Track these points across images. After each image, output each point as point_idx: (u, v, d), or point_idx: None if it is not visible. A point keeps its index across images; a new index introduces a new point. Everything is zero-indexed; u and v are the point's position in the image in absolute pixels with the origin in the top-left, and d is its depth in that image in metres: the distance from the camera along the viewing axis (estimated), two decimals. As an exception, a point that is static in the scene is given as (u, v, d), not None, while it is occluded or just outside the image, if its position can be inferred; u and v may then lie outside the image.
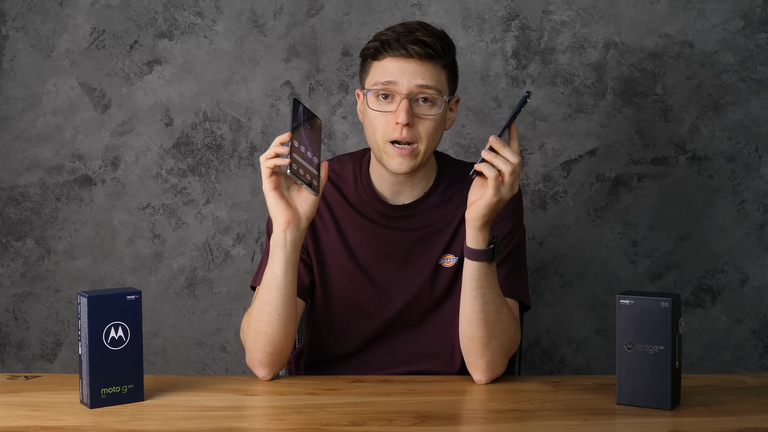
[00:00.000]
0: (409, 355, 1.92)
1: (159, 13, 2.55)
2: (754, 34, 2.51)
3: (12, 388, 1.73)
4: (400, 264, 1.90)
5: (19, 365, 2.63)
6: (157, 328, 2.62)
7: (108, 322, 1.61)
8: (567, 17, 2.52)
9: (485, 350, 1.77)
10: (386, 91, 1.81)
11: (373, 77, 1.83)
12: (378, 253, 1.90)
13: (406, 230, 1.90)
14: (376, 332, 1.92)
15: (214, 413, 1.61)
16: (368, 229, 1.90)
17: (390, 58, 1.81)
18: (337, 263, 1.91)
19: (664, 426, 1.53)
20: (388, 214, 1.90)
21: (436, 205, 1.91)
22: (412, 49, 1.80)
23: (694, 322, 2.58)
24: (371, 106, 1.83)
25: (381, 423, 1.53)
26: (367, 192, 1.92)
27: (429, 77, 1.82)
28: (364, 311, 1.91)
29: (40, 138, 2.58)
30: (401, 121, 1.78)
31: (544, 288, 2.59)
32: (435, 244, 1.89)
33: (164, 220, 2.59)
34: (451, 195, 1.91)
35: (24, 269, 2.61)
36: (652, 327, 1.58)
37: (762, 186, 2.55)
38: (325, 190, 1.92)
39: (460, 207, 1.89)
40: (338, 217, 1.91)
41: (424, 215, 1.91)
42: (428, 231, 1.90)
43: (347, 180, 1.94)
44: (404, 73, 1.80)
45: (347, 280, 1.91)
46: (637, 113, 2.54)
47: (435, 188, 1.92)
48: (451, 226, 1.90)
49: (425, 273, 1.89)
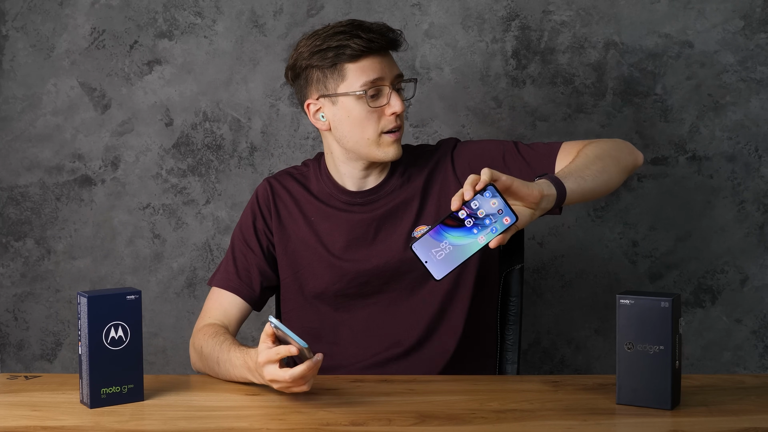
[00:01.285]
0: (404, 331, 1.94)
1: (159, 13, 2.55)
2: (754, 34, 2.51)
3: (12, 388, 1.73)
4: (371, 242, 1.94)
5: (19, 365, 2.63)
6: (157, 328, 2.62)
7: (108, 322, 1.61)
8: (567, 17, 2.52)
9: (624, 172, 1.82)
10: (377, 88, 1.87)
11: (358, 79, 1.86)
12: (348, 237, 1.94)
13: (371, 211, 1.95)
14: (366, 313, 1.94)
15: (214, 413, 1.61)
16: (335, 217, 1.95)
17: (370, 57, 1.87)
18: (311, 255, 1.95)
19: (664, 426, 1.53)
20: (353, 201, 1.96)
21: (397, 186, 1.95)
22: (385, 40, 1.87)
23: (694, 322, 2.58)
24: (369, 105, 1.86)
25: (381, 423, 1.53)
26: (329, 185, 1.97)
27: (396, 65, 1.91)
28: (348, 294, 1.94)
29: (40, 138, 2.58)
30: (399, 110, 1.86)
31: (544, 288, 2.59)
32: (403, 218, 1.94)
33: (164, 220, 2.59)
34: (409, 175, 1.96)
35: (24, 269, 2.61)
36: (652, 327, 1.58)
37: (762, 186, 2.55)
38: (292, 189, 2.00)
39: (419, 182, 1.95)
40: (306, 212, 1.97)
41: (387, 197, 1.95)
42: (393, 207, 1.94)
43: (310, 178, 2.01)
44: (385, 67, 1.88)
45: (324, 269, 1.94)
46: (637, 113, 2.54)
47: (393, 171, 1.97)
48: (416, 201, 1.94)
49: (398, 245, 1.92)
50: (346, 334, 1.95)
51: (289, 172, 2.04)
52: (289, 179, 2.01)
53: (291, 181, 2.01)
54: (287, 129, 2.57)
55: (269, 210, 1.98)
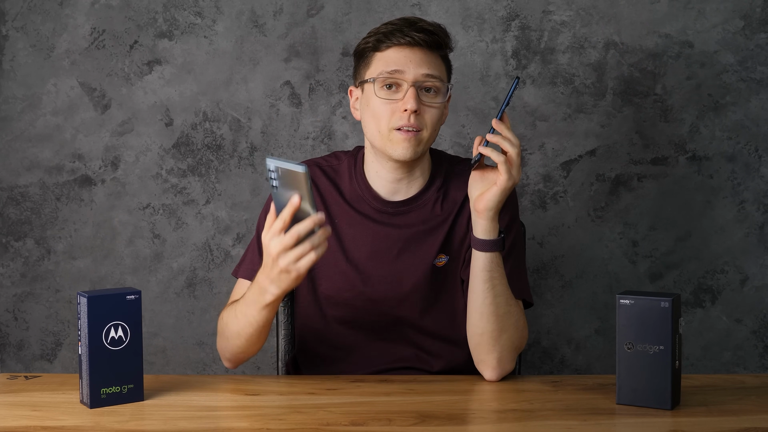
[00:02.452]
0: (403, 356, 1.92)
1: (159, 13, 2.55)
2: (754, 34, 2.51)
3: (12, 388, 1.73)
4: (392, 261, 1.89)
5: (19, 365, 2.63)
6: (157, 328, 2.62)
7: (108, 322, 1.61)
8: (567, 17, 2.52)
9: (496, 344, 1.77)
10: (393, 80, 1.83)
11: (377, 67, 1.84)
12: (370, 249, 1.89)
13: (400, 227, 1.90)
14: (371, 327, 1.91)
15: (214, 413, 1.61)
16: (362, 225, 1.90)
17: (395, 48, 1.83)
18: (329, 256, 1.88)
19: (664, 426, 1.53)
20: (384, 210, 1.90)
21: (431, 201, 1.91)
22: (418, 37, 1.82)
23: (694, 322, 2.58)
24: (377, 95, 1.83)
25: (381, 423, 1.53)
26: (361, 187, 1.92)
27: (433, 66, 1.84)
28: (355, 306, 1.90)
29: (40, 138, 2.58)
30: (410, 107, 1.80)
31: (544, 288, 2.59)
32: (429, 242, 1.89)
33: (164, 220, 2.60)
34: (446, 191, 1.91)
35: (24, 269, 2.61)
36: (652, 327, 1.58)
37: (762, 186, 2.55)
38: (321, 185, 1.93)
39: (453, 206, 1.90)
40: (333, 213, 1.91)
41: (418, 212, 1.90)
42: (422, 229, 1.89)
43: (343, 175, 1.94)
44: (410, 62, 1.82)
45: (338, 276, 1.90)
46: (637, 113, 2.54)
47: (431, 185, 1.92)
48: (445, 226, 1.90)
49: (419, 272, 1.88)
50: (350, 342, 1.93)
51: (317, 163, 1.96)
52: (318, 172, 1.94)
53: (320, 174, 1.93)
54: (287, 129, 2.57)
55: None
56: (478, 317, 1.77)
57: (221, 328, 1.84)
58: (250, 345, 1.80)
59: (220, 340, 1.86)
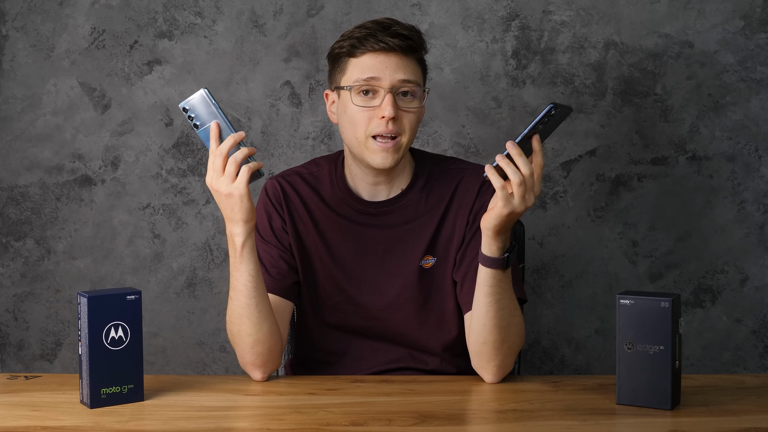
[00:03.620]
0: (396, 357, 1.91)
1: (159, 13, 2.55)
2: (754, 34, 2.51)
3: (12, 388, 1.73)
4: (378, 262, 1.88)
5: (19, 365, 2.63)
6: (157, 328, 2.62)
7: (108, 322, 1.61)
8: (567, 17, 2.52)
9: (497, 353, 1.76)
10: (368, 87, 1.81)
11: (353, 74, 1.82)
12: (355, 251, 1.89)
13: (384, 227, 1.89)
14: (360, 334, 1.91)
15: (214, 413, 1.61)
16: (345, 228, 1.90)
17: (370, 54, 1.81)
18: (319, 263, 1.90)
19: (664, 426, 1.53)
20: (365, 211, 1.90)
21: (413, 202, 1.90)
22: (393, 43, 1.80)
23: (694, 322, 2.58)
24: (354, 102, 1.81)
25: (381, 423, 1.53)
26: (342, 191, 1.91)
27: (409, 71, 1.82)
28: (345, 311, 1.90)
29: (40, 138, 2.58)
30: (388, 114, 1.78)
31: (544, 288, 2.59)
32: (414, 244, 1.88)
33: (164, 220, 2.60)
34: (429, 191, 1.90)
35: (24, 269, 2.61)
36: (652, 327, 1.58)
37: (762, 186, 2.55)
38: (302, 191, 1.93)
39: (438, 206, 1.89)
40: (316, 218, 1.91)
41: (401, 212, 1.89)
42: (406, 229, 1.89)
43: (323, 181, 1.93)
44: (386, 68, 1.80)
45: (327, 280, 1.90)
46: (637, 113, 2.54)
47: (413, 185, 1.91)
48: (430, 227, 1.88)
49: (405, 274, 1.87)
50: (343, 347, 1.92)
51: (297, 171, 1.96)
52: (299, 180, 1.94)
53: (300, 183, 1.93)
54: (287, 129, 2.57)
55: (282, 208, 1.91)
56: (481, 327, 1.76)
57: (228, 329, 1.81)
58: (259, 328, 1.76)
59: (236, 347, 1.81)
